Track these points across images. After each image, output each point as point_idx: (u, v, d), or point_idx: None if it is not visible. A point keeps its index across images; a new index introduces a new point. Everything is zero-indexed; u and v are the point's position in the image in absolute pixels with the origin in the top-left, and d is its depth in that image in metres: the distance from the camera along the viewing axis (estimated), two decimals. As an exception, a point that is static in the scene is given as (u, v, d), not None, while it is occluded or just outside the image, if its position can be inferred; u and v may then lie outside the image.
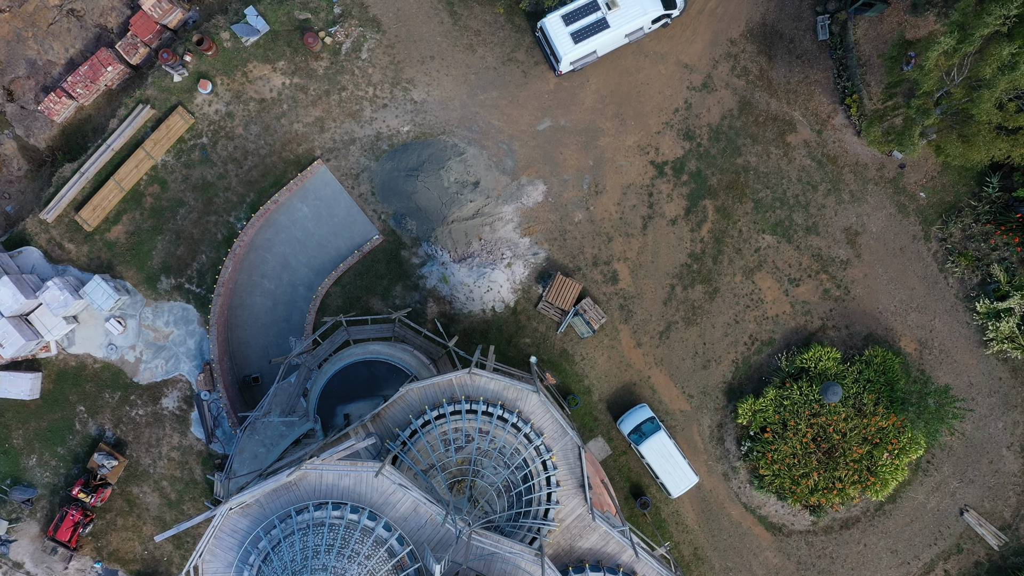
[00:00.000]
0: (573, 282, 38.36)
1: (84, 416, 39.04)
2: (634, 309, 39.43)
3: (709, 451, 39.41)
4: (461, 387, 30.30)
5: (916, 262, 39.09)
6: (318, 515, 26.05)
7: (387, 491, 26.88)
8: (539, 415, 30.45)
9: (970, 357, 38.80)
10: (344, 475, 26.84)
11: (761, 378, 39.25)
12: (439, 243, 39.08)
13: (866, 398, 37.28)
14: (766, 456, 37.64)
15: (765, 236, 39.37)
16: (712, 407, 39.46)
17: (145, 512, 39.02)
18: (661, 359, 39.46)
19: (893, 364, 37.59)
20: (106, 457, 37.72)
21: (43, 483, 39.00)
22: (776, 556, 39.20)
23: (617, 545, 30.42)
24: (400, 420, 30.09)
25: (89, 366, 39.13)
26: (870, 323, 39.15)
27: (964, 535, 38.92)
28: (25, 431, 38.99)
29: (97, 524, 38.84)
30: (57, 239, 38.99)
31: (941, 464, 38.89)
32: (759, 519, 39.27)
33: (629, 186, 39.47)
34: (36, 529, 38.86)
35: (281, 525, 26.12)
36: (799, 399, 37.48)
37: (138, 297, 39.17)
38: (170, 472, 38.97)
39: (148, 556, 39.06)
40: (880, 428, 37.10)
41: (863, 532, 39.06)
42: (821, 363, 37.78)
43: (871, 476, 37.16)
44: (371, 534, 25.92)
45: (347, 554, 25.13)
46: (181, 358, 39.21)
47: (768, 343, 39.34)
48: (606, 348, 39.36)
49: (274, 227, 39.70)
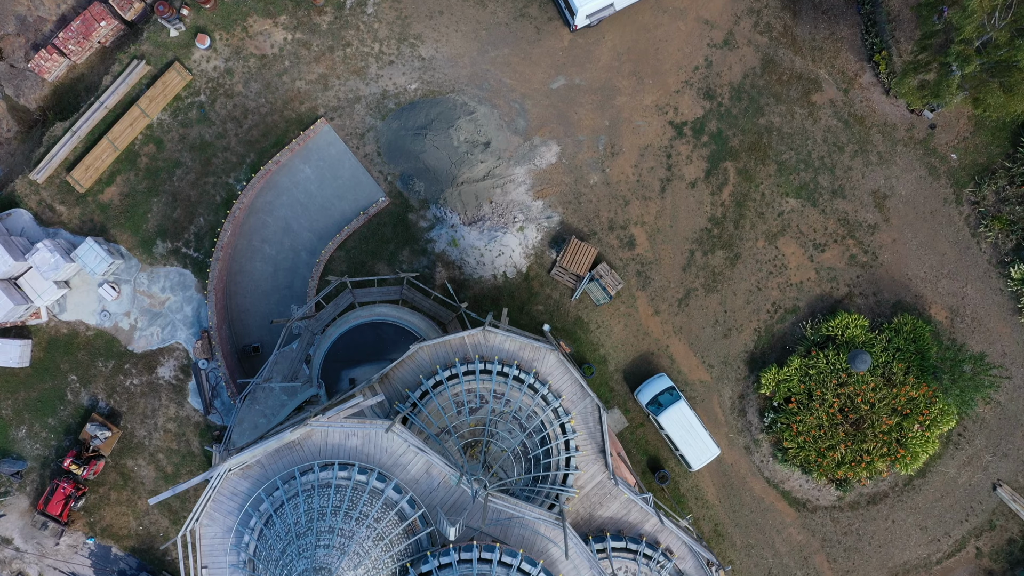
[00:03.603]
0: (588, 246, 36.65)
1: (76, 386, 37.28)
2: (652, 275, 37.72)
3: (730, 423, 37.69)
4: (474, 346, 28.60)
5: (947, 226, 37.38)
6: (324, 476, 24.32)
7: (397, 452, 25.15)
8: (557, 376, 28.75)
9: (1004, 325, 37.10)
10: (351, 434, 25.11)
11: (785, 347, 37.54)
12: (448, 205, 37.35)
13: (895, 367, 35.59)
14: (790, 428, 35.93)
15: (789, 200, 37.66)
16: (733, 377, 37.74)
17: (140, 486, 37.26)
18: (680, 327, 37.74)
19: (924, 332, 35.90)
20: (99, 428, 35.97)
21: (33, 455, 37.24)
22: (800, 533, 37.49)
23: (640, 514, 28.74)
24: (410, 381, 28.38)
25: (81, 334, 37.38)
26: (899, 290, 37.45)
27: (997, 511, 37.21)
28: (14, 401, 37.23)
29: (89, 498, 37.09)
30: (48, 201, 37.24)
31: (973, 437, 37.19)
32: (782, 494, 37.55)
33: (646, 147, 37.76)
34: (25, 503, 37.11)
35: (284, 487, 24.39)
36: (825, 368, 35.78)
37: (133, 262, 37.42)
38: (166, 444, 37.22)
39: (143, 532, 37.30)
40: (910, 398, 35.41)
41: (891, 508, 37.35)
42: (848, 331, 36.07)
43: (900, 449, 35.46)
44: (380, 496, 24.19)
45: (355, 516, 23.40)
46: (178, 325, 37.47)
47: (792, 311, 37.63)
48: (622, 316, 37.64)
49: (275, 189, 37.96)
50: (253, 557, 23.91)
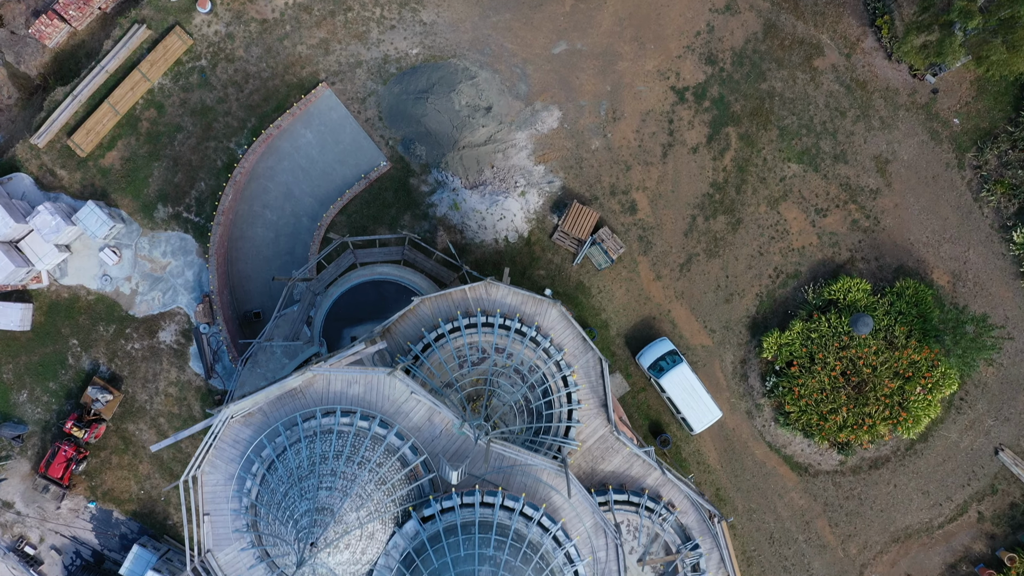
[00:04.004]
0: (590, 210, 36.58)
1: (77, 350, 37.24)
2: (653, 240, 37.66)
3: (732, 388, 37.65)
4: (476, 300, 28.56)
5: (949, 191, 37.33)
6: (326, 422, 24.28)
7: (399, 399, 25.13)
8: (559, 331, 28.72)
9: (1006, 290, 37.05)
10: (353, 382, 25.08)
11: (787, 312, 37.49)
12: (450, 169, 37.28)
13: (897, 331, 35.53)
14: (792, 391, 35.88)
15: (791, 165, 37.59)
16: (735, 342, 37.70)
17: (141, 450, 37.22)
18: (682, 292, 37.69)
19: (926, 296, 35.83)
20: (100, 391, 35.93)
21: (34, 420, 37.20)
22: (802, 497, 37.46)
23: (642, 468, 28.72)
24: (412, 335, 28.34)
25: (82, 298, 37.33)
26: (901, 255, 37.39)
27: (999, 475, 37.17)
28: (15, 365, 37.19)
29: (91, 462, 37.05)
30: (49, 165, 37.18)
31: (975, 401, 37.15)
32: (784, 459, 37.52)
33: (648, 112, 37.69)
34: (27, 468, 37.07)
35: (286, 433, 24.36)
36: (827, 332, 35.72)
37: (134, 226, 37.37)
38: (167, 408, 37.18)
39: (144, 496, 37.26)
40: (912, 362, 35.34)
41: (893, 472, 37.32)
42: (850, 295, 36.01)
43: (903, 412, 35.39)
44: (382, 442, 24.16)
45: (357, 461, 23.37)
46: (179, 290, 37.42)
47: (794, 276, 37.59)
48: (624, 281, 37.59)
49: (276, 154, 37.89)
50: (255, 502, 23.88)
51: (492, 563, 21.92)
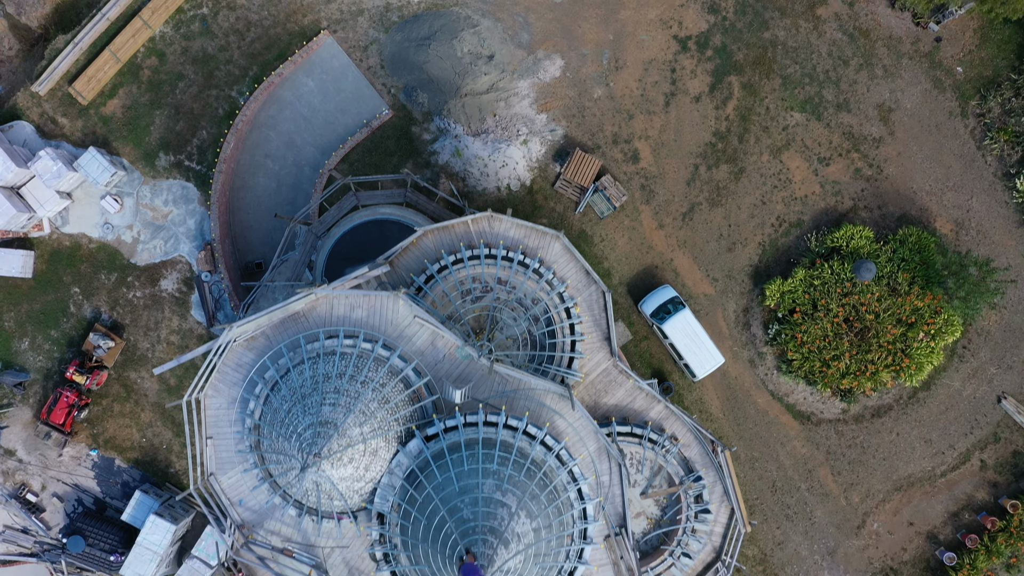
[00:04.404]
0: (593, 158, 36.48)
1: (79, 298, 37.18)
2: (656, 189, 37.58)
3: (734, 337, 37.60)
4: (479, 234, 28.53)
5: (952, 139, 37.25)
6: (329, 344, 24.25)
7: (402, 324, 25.08)
8: (562, 264, 28.69)
9: (1009, 238, 36.99)
10: (356, 306, 25.04)
11: (789, 260, 37.43)
12: (451, 117, 37.19)
13: (900, 277, 35.46)
14: (795, 338, 35.82)
15: (793, 114, 37.51)
16: (737, 291, 37.64)
17: (143, 398, 37.17)
18: (684, 241, 37.63)
19: (929, 243, 35.76)
20: (102, 338, 35.87)
21: (36, 367, 37.15)
22: (804, 446, 37.42)
23: (645, 402, 28.71)
24: (415, 267, 28.31)
25: (84, 246, 37.27)
26: (904, 203, 37.33)
27: (1002, 423, 37.14)
28: (17, 313, 37.13)
29: (93, 410, 37.01)
30: (50, 113, 37.08)
31: (978, 349, 37.10)
32: (787, 407, 37.48)
33: (651, 61, 37.59)
34: (28, 415, 37.03)
35: (289, 355, 24.32)
36: (830, 278, 35.65)
37: (135, 175, 37.29)
38: (169, 356, 37.11)
39: (146, 444, 37.23)
40: (915, 308, 35.28)
41: (895, 421, 37.29)
42: (853, 242, 35.94)
43: (905, 359, 35.33)
44: (385, 363, 24.12)
45: (360, 380, 23.34)
46: (181, 238, 37.36)
47: (796, 225, 37.52)
48: (626, 229, 37.52)
49: (278, 103, 37.80)
50: (259, 422, 23.84)
51: (496, 477, 21.89)
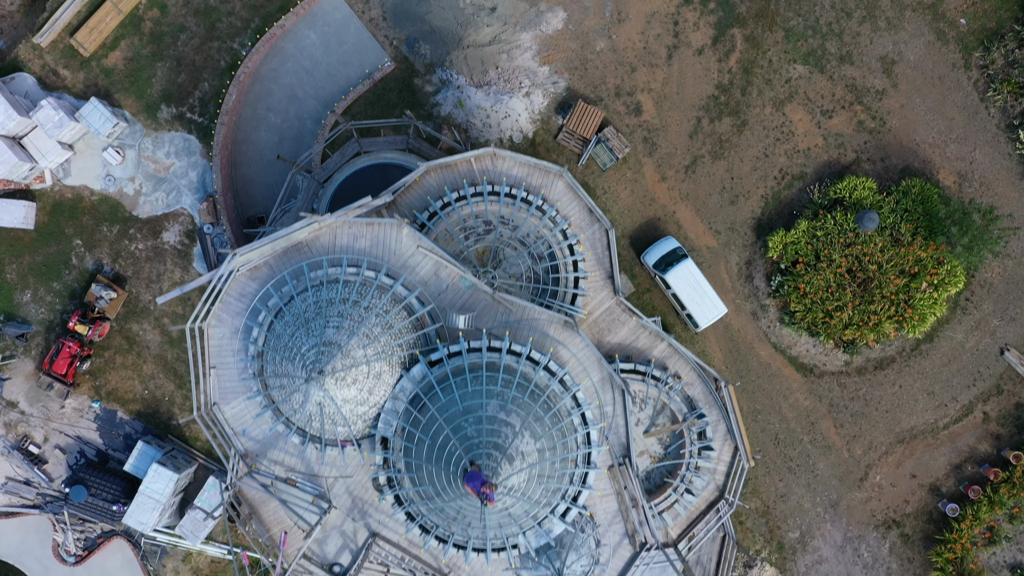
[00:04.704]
0: (595, 109, 36.40)
1: (81, 250, 37.15)
2: (658, 142, 37.52)
3: (737, 289, 37.57)
4: (482, 171, 28.46)
5: (955, 91, 37.16)
6: (332, 272, 24.22)
7: (405, 254, 25.05)
8: (566, 202, 28.65)
9: (1012, 190, 36.92)
10: (360, 236, 25.00)
11: (792, 212, 37.37)
12: (454, 68, 37.12)
13: (903, 228, 35.42)
14: (797, 289, 35.78)
15: (796, 66, 37.42)
16: (740, 244, 37.59)
17: (145, 350, 37.17)
18: (687, 194, 37.58)
19: (932, 194, 35.70)
20: (104, 289, 35.84)
21: (38, 320, 37.14)
22: (807, 398, 37.41)
23: (648, 340, 28.68)
24: (418, 205, 28.24)
25: (86, 198, 37.23)
26: (907, 156, 37.26)
27: (1005, 375, 37.11)
28: (19, 265, 37.10)
29: (95, 362, 37.00)
30: (51, 65, 37.02)
31: (981, 301, 37.06)
32: (789, 360, 37.46)
33: (653, 14, 37.49)
34: (31, 367, 37.02)
35: (293, 283, 24.27)
36: (833, 229, 35.61)
37: (137, 127, 37.23)
38: (171, 309, 37.10)
39: (149, 396, 37.23)
40: (918, 259, 35.24)
41: (898, 373, 37.26)
42: (856, 193, 35.88)
43: (908, 309, 35.31)
44: (388, 291, 24.08)
45: (363, 305, 23.31)
46: (183, 191, 37.31)
47: (799, 177, 37.46)
48: (629, 182, 37.47)
49: (280, 56, 37.73)
50: (263, 349, 23.81)
51: (500, 398, 21.88)
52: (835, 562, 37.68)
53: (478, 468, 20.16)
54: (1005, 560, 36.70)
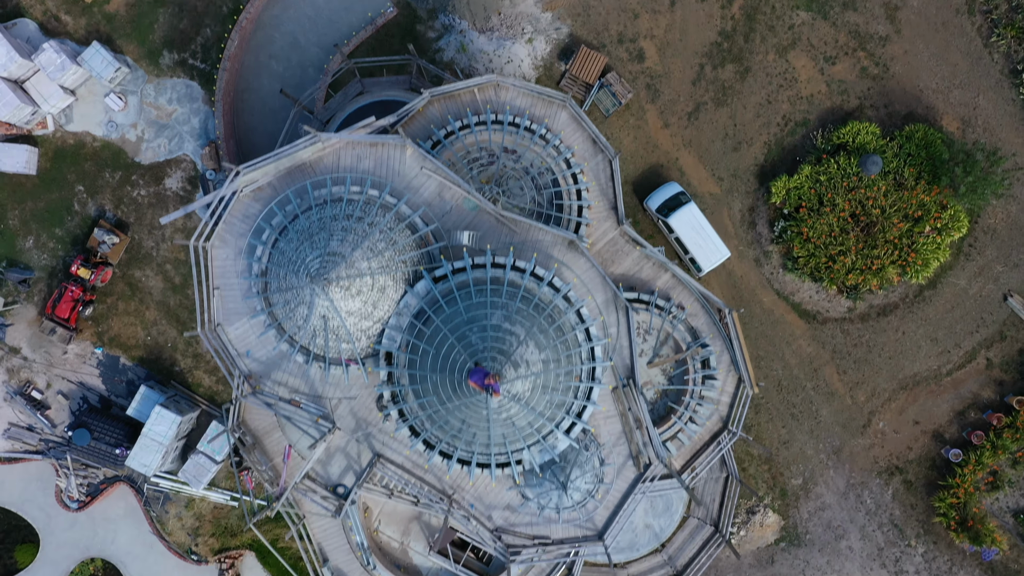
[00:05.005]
0: (598, 54, 36.29)
1: (83, 196, 37.09)
2: (661, 89, 37.43)
3: (740, 236, 37.51)
4: (485, 101, 28.39)
5: (959, 37, 37.05)
6: (336, 190, 24.17)
7: (409, 175, 25.00)
8: (569, 132, 28.60)
9: (1015, 136, 36.83)
10: (364, 157, 24.94)
11: (795, 159, 37.29)
12: (456, 13, 37.02)
13: (907, 172, 35.36)
14: (801, 234, 35.71)
15: (799, 12, 37.31)
16: (743, 190, 37.53)
17: (148, 296, 37.13)
18: (690, 141, 37.50)
19: (935, 139, 35.61)
20: (107, 234, 35.79)
21: (40, 266, 37.08)
22: (810, 345, 37.37)
23: (652, 271, 28.63)
24: (422, 135, 28.19)
25: (88, 144, 37.16)
26: (910, 102, 37.16)
27: (1008, 322, 37.07)
28: (21, 211, 37.06)
29: (98, 308, 36.97)
30: (53, 11, 36.91)
31: (984, 247, 37.00)
32: (792, 306, 37.41)
33: (656, -39, 37.39)
34: (33, 313, 36.98)
35: (297, 200, 24.22)
36: (836, 173, 35.54)
37: (139, 73, 37.15)
38: (174, 255, 37.07)
39: (151, 342, 37.19)
40: (922, 202, 35.19)
41: (901, 319, 37.22)
42: (859, 138, 35.79)
43: (912, 253, 35.26)
44: (392, 209, 24.03)
45: (367, 221, 23.25)
46: (185, 137, 37.24)
47: (802, 124, 37.37)
48: (632, 128, 37.39)
49: (282, 2, 37.61)
50: (267, 265, 23.74)
51: (504, 309, 21.83)
52: (838, 508, 37.68)
53: (482, 366, 20.13)
54: (1008, 505, 36.70)
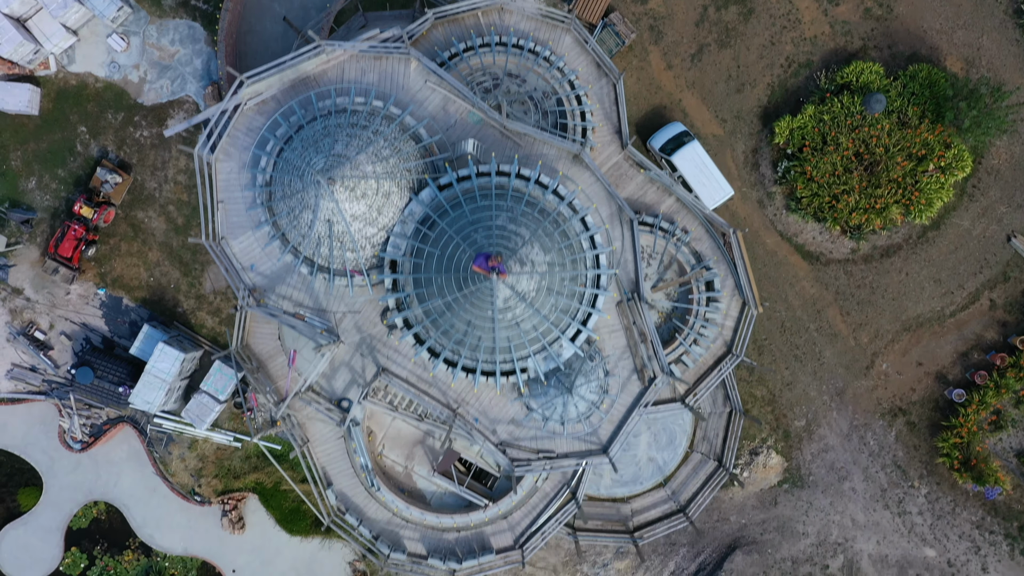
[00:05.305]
0: (601, -6, 36.22)
1: (86, 137, 37.04)
2: (664, 30, 37.33)
3: (743, 177, 37.45)
4: (489, 24, 28.31)
5: (963, -23, 36.99)
6: (340, 101, 24.11)
7: (413, 88, 24.96)
8: (573, 56, 28.58)
9: (1020, 75, 36.72)
10: (368, 70, 24.90)
11: (799, 100, 37.19)
12: (459, -46, 36.94)
13: (910, 111, 35.29)
14: (804, 173, 35.65)
15: (803, -46, 37.23)
16: (746, 132, 37.46)
17: (151, 237, 37.10)
18: (693, 82, 37.41)
19: (939, 79, 35.54)
20: (109, 173, 35.76)
21: (43, 207, 37.06)
22: (813, 286, 37.33)
23: (656, 195, 28.62)
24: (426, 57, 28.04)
25: (91, 85, 37.10)
26: (914, 42, 37.07)
27: (1011, 262, 37.03)
28: (24, 152, 37.02)
29: (100, 249, 36.94)
30: (55, -48, 36.79)
31: (988, 188, 36.95)
32: (796, 248, 37.36)
33: (659, -98, 37.27)
34: (36, 254, 36.96)
35: (301, 111, 24.16)
36: (840, 112, 35.46)
37: (141, 14, 37.07)
38: (176, 196, 37.04)
39: (154, 283, 37.17)
40: (925, 141, 35.13)
41: (905, 261, 37.18)
42: (863, 77, 35.69)
43: (915, 192, 35.20)
44: (396, 119, 23.97)
45: (372, 130, 23.19)
46: (187, 78, 37.18)
47: (806, 65, 37.28)
48: (635, 70, 37.28)
49: (285, -56, 37.55)
50: (272, 174, 23.69)
51: (509, 211, 21.78)
52: (841, 450, 37.68)
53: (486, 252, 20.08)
54: (1011, 446, 36.69)
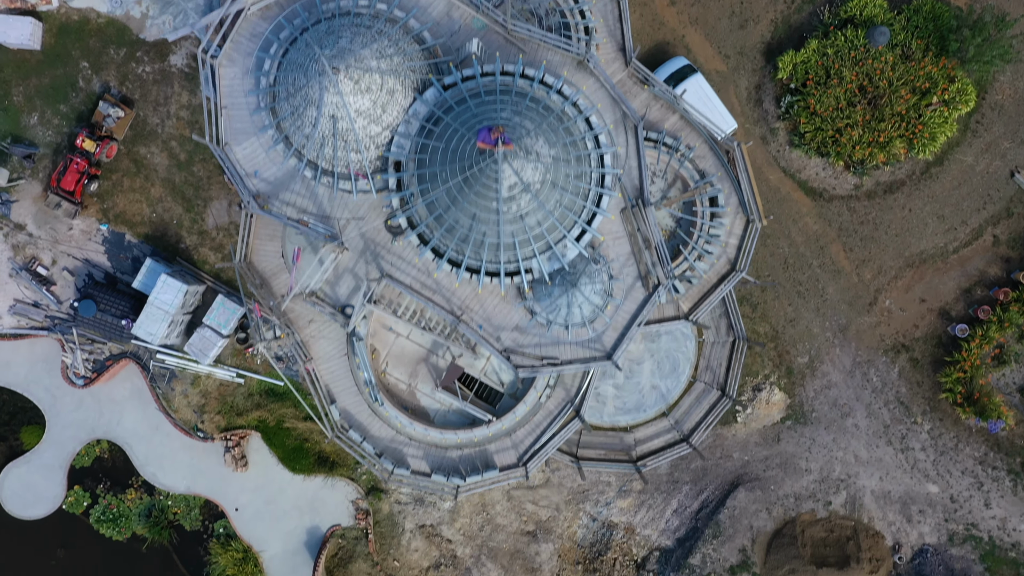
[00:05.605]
0: (604, -71, 36.11)
1: (88, 72, 36.95)
2: (668, -34, 37.25)
3: (746, 113, 37.36)
4: (493, -59, 28.16)
5: (967, -88, 36.83)
6: (344, 3, 24.03)
7: (417, -6, 24.86)
8: (576, -27, 28.34)
9: (1024, 10, 36.66)
10: (371, -25, 24.77)
11: (802, 36, 37.03)
12: None
13: (914, 44, 35.20)
14: (807, 107, 35.57)
15: None
16: (750, 68, 37.36)
17: (153, 173, 37.04)
18: (696, 18, 37.30)
19: (943, 12, 35.44)
20: (111, 107, 35.66)
21: (45, 142, 36.98)
22: (816, 222, 37.29)
23: (660, 113, 28.60)
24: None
25: (92, 20, 36.99)
26: (918, -22, 36.95)
27: (1015, 198, 36.97)
28: (25, 87, 36.94)
29: (103, 185, 36.89)
30: None
31: (991, 123, 36.87)
32: (799, 184, 37.31)
33: None
34: (38, 190, 36.91)
35: (305, 14, 24.10)
36: (843, 46, 35.35)
37: (143, -51, 36.97)
38: (179, 132, 36.95)
39: (157, 219, 37.13)
40: (929, 74, 35.05)
41: (908, 197, 37.12)
42: (867, 10, 35.62)
43: (919, 126, 35.14)
44: (400, 23, 23.90)
45: (375, 30, 23.12)
46: (190, 14, 37.03)
47: (809, 1, 37.18)
48: (638, 5, 37.10)
49: None
50: (276, 75, 23.63)
51: (514, 106, 21.74)
52: (844, 387, 37.70)
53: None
54: (1014, 381, 36.69)
